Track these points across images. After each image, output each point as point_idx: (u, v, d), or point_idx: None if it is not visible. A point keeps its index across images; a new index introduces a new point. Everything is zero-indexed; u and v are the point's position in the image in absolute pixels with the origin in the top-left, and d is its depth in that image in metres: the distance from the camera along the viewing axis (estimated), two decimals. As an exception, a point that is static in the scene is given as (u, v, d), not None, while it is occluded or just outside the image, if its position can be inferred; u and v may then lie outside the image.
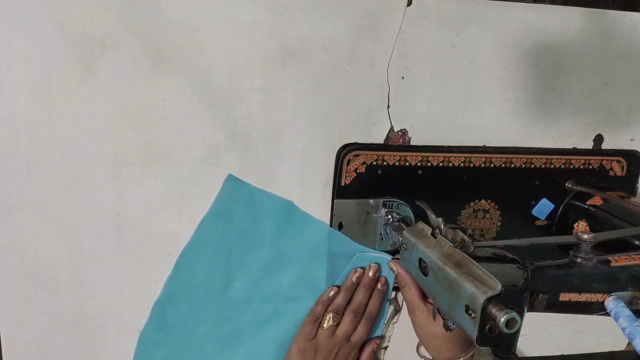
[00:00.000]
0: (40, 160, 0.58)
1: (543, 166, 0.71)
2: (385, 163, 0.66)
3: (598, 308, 0.49)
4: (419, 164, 0.66)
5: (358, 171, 0.65)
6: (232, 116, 0.61)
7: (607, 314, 0.48)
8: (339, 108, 0.64)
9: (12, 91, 0.55)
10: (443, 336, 0.59)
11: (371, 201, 0.66)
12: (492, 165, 0.69)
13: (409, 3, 0.63)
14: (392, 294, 0.71)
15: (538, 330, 0.62)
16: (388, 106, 0.65)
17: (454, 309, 0.46)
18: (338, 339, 0.65)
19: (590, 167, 0.72)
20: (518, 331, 0.42)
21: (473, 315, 0.43)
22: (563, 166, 0.71)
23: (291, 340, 0.67)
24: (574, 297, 0.48)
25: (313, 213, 0.66)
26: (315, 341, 0.65)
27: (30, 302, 0.61)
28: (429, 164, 0.67)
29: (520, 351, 0.78)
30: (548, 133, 0.71)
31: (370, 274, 0.66)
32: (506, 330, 0.41)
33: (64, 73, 0.56)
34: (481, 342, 0.43)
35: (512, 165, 0.69)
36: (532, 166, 0.70)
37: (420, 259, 0.53)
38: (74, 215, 0.60)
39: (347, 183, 0.65)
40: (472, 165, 0.68)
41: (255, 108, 0.61)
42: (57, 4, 0.54)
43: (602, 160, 0.73)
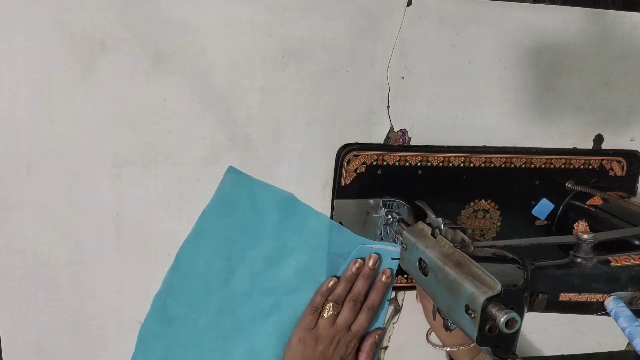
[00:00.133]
0: (40, 160, 0.58)
1: (543, 166, 0.71)
2: (385, 163, 0.66)
3: (598, 308, 0.49)
4: (419, 164, 0.66)
5: (358, 171, 0.65)
6: (232, 116, 0.61)
7: (607, 314, 0.48)
8: (339, 108, 0.64)
9: (12, 91, 0.55)
10: None
11: (371, 201, 0.66)
12: (492, 165, 0.69)
13: (409, 3, 0.63)
14: (392, 294, 0.71)
15: (538, 330, 0.62)
16: (388, 106, 0.65)
17: (454, 309, 0.46)
18: (339, 328, 0.65)
19: (590, 167, 0.72)
20: (518, 331, 0.42)
21: (473, 315, 0.43)
22: (563, 166, 0.71)
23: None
24: (574, 297, 0.48)
25: (313, 213, 0.66)
26: (315, 331, 0.65)
27: (30, 302, 0.61)
28: (429, 164, 0.67)
29: (520, 351, 0.78)
30: (548, 133, 0.71)
31: (370, 264, 0.66)
32: (506, 330, 0.41)
33: (64, 73, 0.56)
34: (481, 342, 0.43)
35: (512, 165, 0.69)
36: (532, 166, 0.70)
37: (420, 259, 0.53)
38: (74, 215, 0.60)
39: (347, 183, 0.65)
40: (472, 165, 0.68)
41: (255, 108, 0.61)
42: (57, 4, 0.54)
43: (602, 160, 0.73)
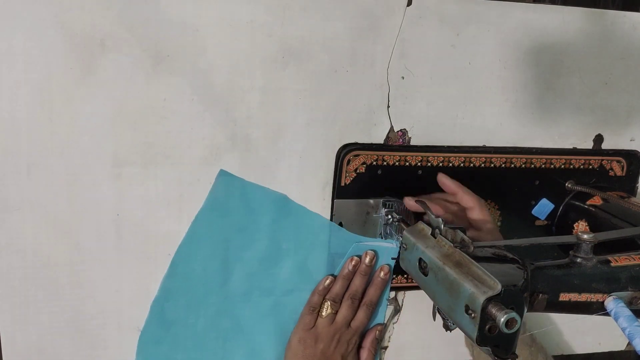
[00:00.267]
0: (40, 160, 0.58)
1: (543, 166, 0.71)
2: (385, 163, 0.66)
3: (598, 308, 0.49)
4: (419, 164, 0.66)
5: (358, 171, 0.65)
6: (232, 116, 0.61)
7: (607, 314, 0.48)
8: (339, 108, 0.64)
9: (12, 91, 0.55)
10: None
11: (371, 201, 0.66)
12: (492, 165, 0.69)
13: (409, 3, 0.63)
14: (392, 294, 0.71)
15: (538, 330, 0.62)
16: (388, 106, 0.65)
17: (454, 309, 0.46)
18: (338, 326, 0.65)
19: (590, 167, 0.72)
20: (518, 331, 0.42)
21: (473, 315, 0.43)
22: (563, 166, 0.71)
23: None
24: (574, 297, 0.48)
25: (313, 213, 0.66)
26: (314, 330, 0.65)
27: (30, 302, 0.61)
28: (429, 164, 0.67)
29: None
30: (548, 133, 0.71)
31: (366, 261, 0.66)
32: (506, 330, 0.41)
33: (64, 73, 0.56)
34: (481, 342, 0.43)
35: (512, 165, 0.69)
36: (532, 166, 0.70)
37: (420, 259, 0.53)
38: (74, 215, 0.60)
39: (347, 183, 0.65)
40: (472, 165, 0.68)
41: (255, 108, 0.61)
42: (57, 4, 0.54)
43: (602, 160, 0.73)
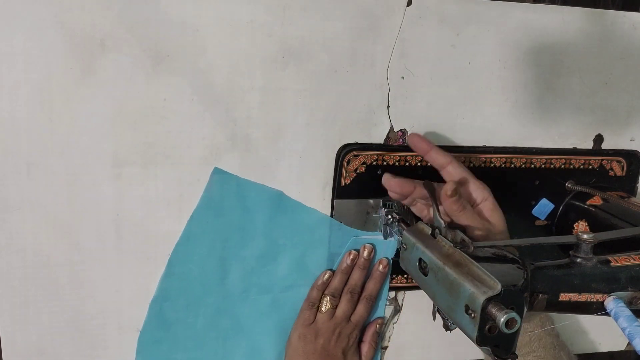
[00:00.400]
0: (40, 160, 0.58)
1: (543, 166, 0.71)
2: (385, 163, 0.66)
3: (598, 308, 0.48)
4: (419, 164, 0.66)
5: (358, 171, 0.65)
6: (232, 116, 0.61)
7: (607, 314, 0.48)
8: (339, 108, 0.64)
9: (12, 91, 0.55)
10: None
11: (371, 201, 0.66)
12: (492, 165, 0.69)
13: (409, 3, 0.63)
14: (392, 294, 0.71)
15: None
16: (388, 106, 0.65)
17: (454, 309, 0.46)
18: (338, 320, 0.65)
19: (590, 167, 0.72)
20: (518, 331, 0.42)
21: (473, 315, 0.43)
22: (563, 166, 0.71)
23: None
24: (574, 297, 0.48)
25: (313, 213, 0.66)
26: (314, 326, 0.65)
27: (30, 302, 0.61)
28: (429, 164, 0.67)
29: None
30: (548, 133, 0.71)
31: (364, 255, 0.66)
32: (506, 330, 0.41)
33: (64, 73, 0.56)
34: (481, 342, 0.43)
35: (512, 165, 0.69)
36: (532, 166, 0.70)
37: (420, 259, 0.53)
38: (74, 215, 0.60)
39: (347, 183, 0.65)
40: (472, 165, 0.68)
41: (255, 108, 0.61)
42: (57, 4, 0.54)
43: (602, 160, 0.73)
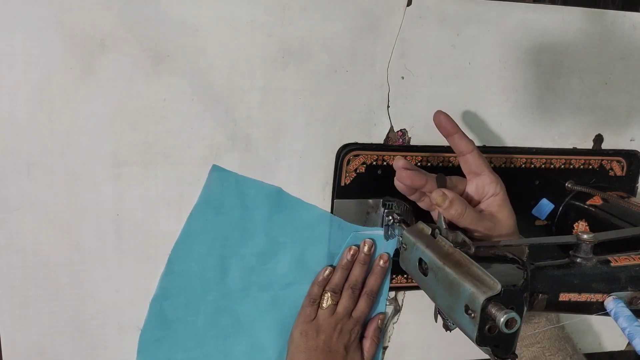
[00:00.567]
0: (40, 160, 0.58)
1: (543, 166, 0.71)
2: (385, 163, 0.66)
3: (598, 308, 0.48)
4: (419, 164, 0.66)
5: (358, 171, 0.65)
6: (232, 116, 0.61)
7: (607, 314, 0.48)
8: (339, 108, 0.64)
9: (12, 91, 0.55)
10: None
11: (371, 201, 0.66)
12: (493, 165, 0.69)
13: (409, 3, 0.63)
14: (392, 294, 0.71)
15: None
16: (388, 106, 0.65)
17: (454, 309, 0.46)
18: (339, 316, 0.65)
19: (590, 167, 0.72)
20: (518, 331, 0.42)
21: (473, 315, 0.43)
22: (563, 166, 0.71)
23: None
24: (574, 297, 0.48)
25: (313, 213, 0.66)
26: (316, 322, 0.65)
27: (30, 302, 0.61)
28: (429, 164, 0.67)
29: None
30: (548, 133, 0.71)
31: (365, 250, 0.66)
32: (506, 330, 0.41)
33: (64, 73, 0.56)
34: (481, 342, 0.43)
35: (512, 165, 0.69)
36: (532, 166, 0.70)
37: (420, 259, 0.53)
38: (74, 215, 0.60)
39: (347, 183, 0.65)
40: (472, 165, 0.68)
41: (255, 108, 0.61)
42: (57, 4, 0.54)
43: (602, 160, 0.73)
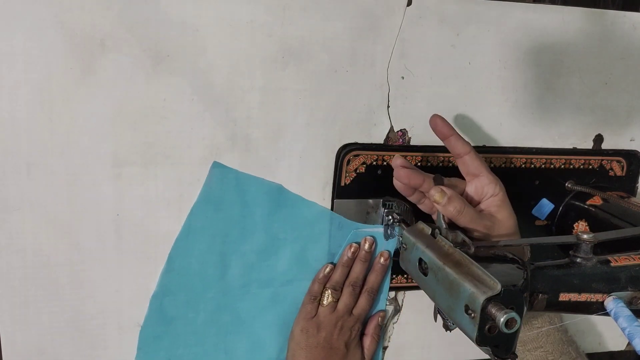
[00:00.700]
0: (40, 160, 0.58)
1: (543, 166, 0.71)
2: (385, 163, 0.66)
3: (598, 308, 0.48)
4: (419, 164, 0.66)
5: (358, 171, 0.65)
6: (232, 116, 0.61)
7: (607, 314, 0.48)
8: (339, 108, 0.64)
9: (12, 91, 0.55)
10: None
11: (371, 201, 0.66)
12: (492, 165, 0.69)
13: (409, 3, 0.63)
14: (392, 294, 0.71)
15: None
16: (388, 106, 0.65)
17: (454, 309, 0.46)
18: (340, 313, 0.65)
19: (590, 167, 0.72)
20: (518, 331, 0.42)
21: (473, 315, 0.43)
22: (563, 166, 0.71)
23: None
24: (574, 297, 0.48)
25: (313, 213, 0.66)
26: (316, 319, 0.65)
27: (30, 302, 0.61)
28: (429, 164, 0.67)
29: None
30: (548, 133, 0.71)
31: (365, 247, 0.66)
32: (506, 330, 0.41)
33: (64, 73, 0.56)
34: (481, 342, 0.43)
35: (512, 165, 0.69)
36: (532, 166, 0.70)
37: (420, 259, 0.53)
38: (74, 215, 0.60)
39: (347, 183, 0.65)
40: (472, 165, 0.68)
41: (255, 108, 0.61)
42: (57, 4, 0.54)
43: (602, 160, 0.73)
